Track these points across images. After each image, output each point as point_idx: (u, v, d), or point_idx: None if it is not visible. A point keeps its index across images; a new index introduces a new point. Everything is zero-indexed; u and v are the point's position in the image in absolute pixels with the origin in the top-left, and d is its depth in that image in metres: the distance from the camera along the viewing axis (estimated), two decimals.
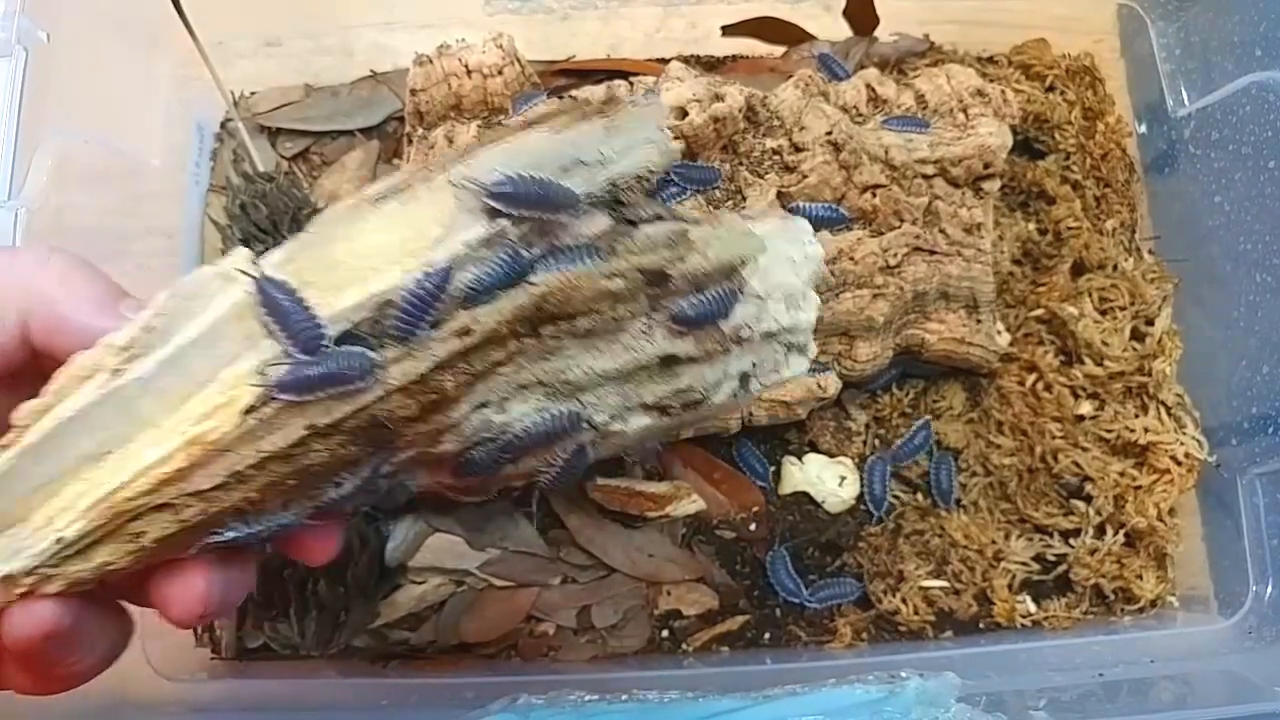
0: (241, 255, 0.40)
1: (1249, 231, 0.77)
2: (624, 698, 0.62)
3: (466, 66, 0.77)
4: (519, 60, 0.78)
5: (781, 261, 0.50)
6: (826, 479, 0.79)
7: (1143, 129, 0.92)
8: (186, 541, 0.39)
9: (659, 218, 0.45)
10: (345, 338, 0.39)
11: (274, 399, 0.38)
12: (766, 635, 0.78)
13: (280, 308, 0.38)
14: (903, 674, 0.61)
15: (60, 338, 0.39)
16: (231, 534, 0.39)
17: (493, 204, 0.40)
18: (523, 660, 0.77)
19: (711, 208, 0.73)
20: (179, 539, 0.39)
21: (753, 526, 0.80)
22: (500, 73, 0.77)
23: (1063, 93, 0.91)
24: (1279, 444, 0.74)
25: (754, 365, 0.51)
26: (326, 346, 0.38)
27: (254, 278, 0.38)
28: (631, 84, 0.77)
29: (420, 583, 0.78)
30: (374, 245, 0.40)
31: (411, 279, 0.39)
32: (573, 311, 0.43)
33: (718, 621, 0.78)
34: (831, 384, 0.75)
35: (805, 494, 0.80)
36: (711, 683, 0.67)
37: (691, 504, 0.78)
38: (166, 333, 0.38)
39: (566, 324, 0.43)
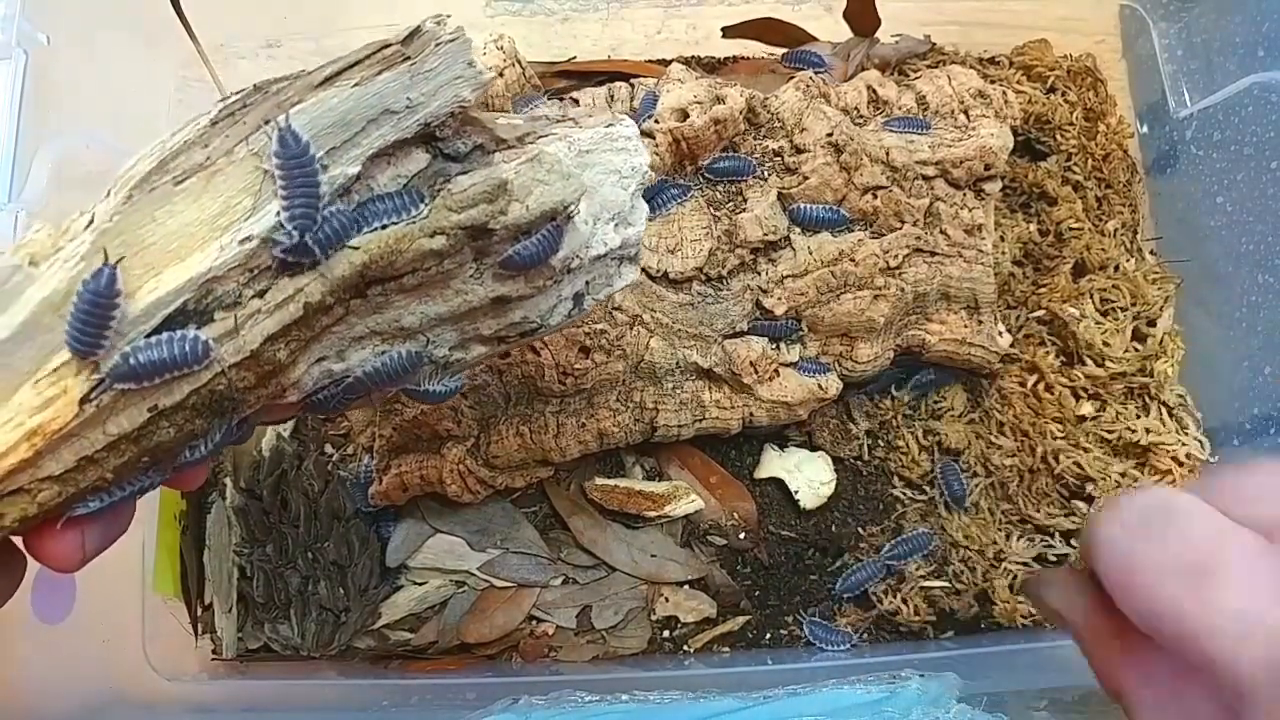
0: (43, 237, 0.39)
1: (1251, 232, 0.77)
2: (624, 698, 0.62)
3: None
4: (520, 62, 0.78)
5: (608, 176, 0.49)
6: (805, 470, 0.79)
7: (1144, 129, 0.92)
8: (53, 516, 0.39)
9: (478, 148, 0.44)
10: (173, 318, 0.39)
11: (111, 387, 0.38)
12: (767, 635, 0.78)
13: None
14: (903, 674, 0.61)
15: None
16: (95, 504, 0.40)
17: (274, 158, 0.39)
18: (524, 660, 0.77)
19: (712, 209, 0.73)
20: (45, 514, 0.39)
21: (742, 535, 0.80)
22: (501, 74, 0.77)
23: (1064, 94, 0.91)
24: None
25: (587, 284, 0.50)
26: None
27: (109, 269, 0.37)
28: (632, 85, 0.77)
29: (421, 583, 0.78)
30: (185, 224, 0.39)
31: (269, 243, 0.39)
32: (398, 273, 0.43)
33: (719, 622, 0.78)
34: (832, 385, 0.75)
35: (780, 481, 0.80)
36: (712, 683, 0.67)
37: (690, 503, 0.78)
38: None
39: (394, 284, 0.43)
